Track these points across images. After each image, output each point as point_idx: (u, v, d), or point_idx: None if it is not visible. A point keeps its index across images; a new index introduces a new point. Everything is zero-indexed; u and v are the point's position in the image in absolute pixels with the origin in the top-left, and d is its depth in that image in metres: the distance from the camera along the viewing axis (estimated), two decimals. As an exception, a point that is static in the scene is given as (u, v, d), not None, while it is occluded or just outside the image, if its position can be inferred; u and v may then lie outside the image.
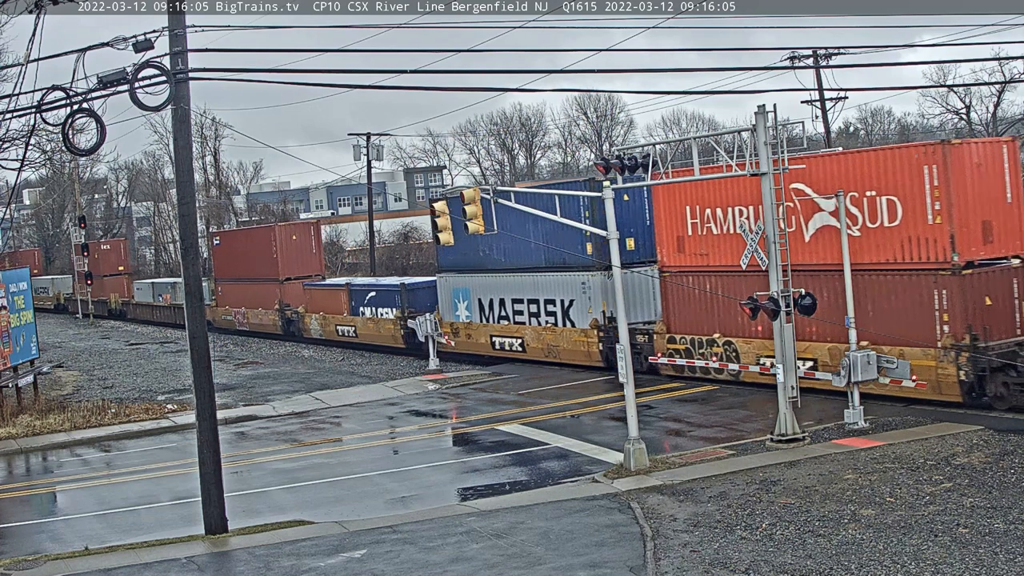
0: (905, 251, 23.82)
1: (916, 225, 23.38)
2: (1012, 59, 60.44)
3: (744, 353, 27.50)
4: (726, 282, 27.72)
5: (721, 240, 27.94)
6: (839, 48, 45.69)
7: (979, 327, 22.78)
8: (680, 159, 26.06)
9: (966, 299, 22.98)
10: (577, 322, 33.41)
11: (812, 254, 25.31)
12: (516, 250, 35.17)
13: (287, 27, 21.11)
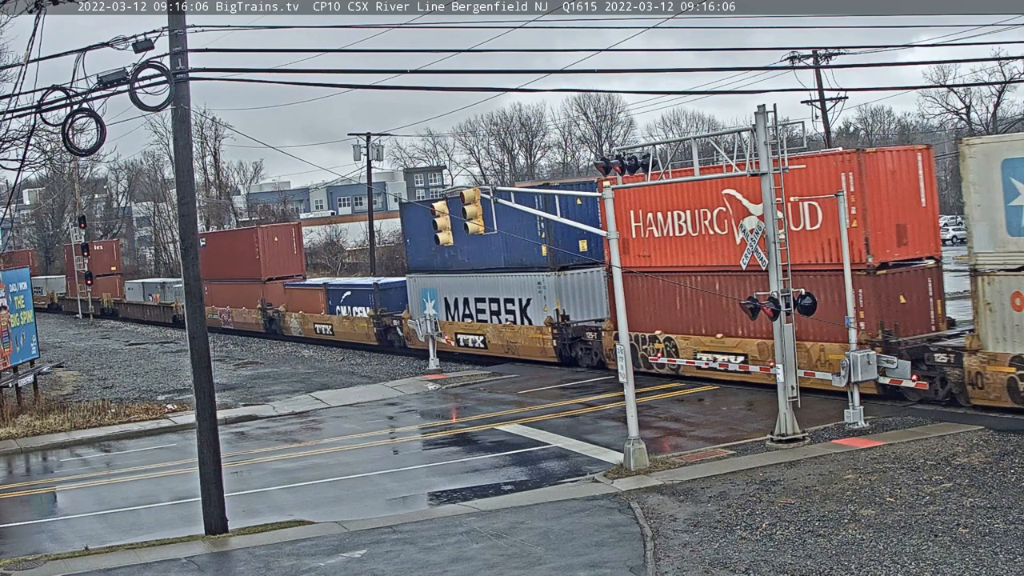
0: (825, 253, 25.11)
1: (835, 229, 24.22)
2: (1012, 59, 60.52)
3: (682, 349, 29.25)
4: (670, 282, 29.49)
5: (662, 242, 29.79)
6: (839, 48, 45.73)
7: (892, 324, 24.21)
8: (680, 159, 26.09)
9: (880, 298, 24.35)
10: (534, 320, 35.24)
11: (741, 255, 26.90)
12: (479, 252, 36.81)
13: (287, 27, 21.13)
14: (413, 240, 42.36)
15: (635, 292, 29.91)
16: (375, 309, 44.18)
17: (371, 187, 66.99)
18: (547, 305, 34.54)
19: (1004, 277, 22.03)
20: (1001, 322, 22.06)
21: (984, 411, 22.35)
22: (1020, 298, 21.85)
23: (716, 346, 28.26)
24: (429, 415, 29.71)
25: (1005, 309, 21.97)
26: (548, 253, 33.83)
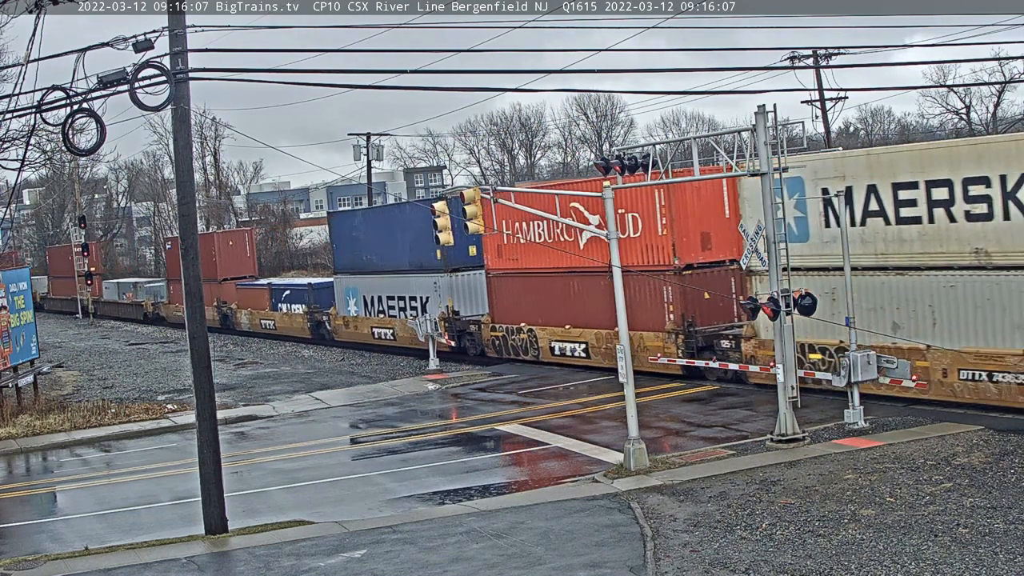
0: (644, 256, 29.92)
1: (651, 236, 29.58)
2: (1012, 59, 60.51)
3: (540, 339, 34.34)
4: (531, 282, 34.59)
5: (526, 248, 34.37)
6: (839, 48, 45.73)
7: (692, 315, 29.02)
8: (680, 159, 26.14)
9: (685, 293, 29.09)
10: (432, 315, 39.34)
11: (586, 259, 30.49)
12: (390, 256, 42.13)
13: (287, 27, 21.13)
14: (339, 245, 47.04)
15: (506, 290, 35.73)
16: (309, 306, 49.26)
17: (371, 187, 66.98)
18: (441, 302, 39.21)
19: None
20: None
21: (984, 411, 22.36)
22: None
23: (565, 336, 33.46)
24: (429, 415, 29.71)
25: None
26: (442, 257, 37.88)
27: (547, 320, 33.93)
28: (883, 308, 24.19)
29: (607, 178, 25.07)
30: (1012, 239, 21.60)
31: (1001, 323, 21.87)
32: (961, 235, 22.30)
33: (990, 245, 22.04)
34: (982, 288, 22.03)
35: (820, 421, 23.05)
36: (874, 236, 23.85)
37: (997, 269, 21.98)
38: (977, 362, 22.22)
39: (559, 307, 33.53)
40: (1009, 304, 21.78)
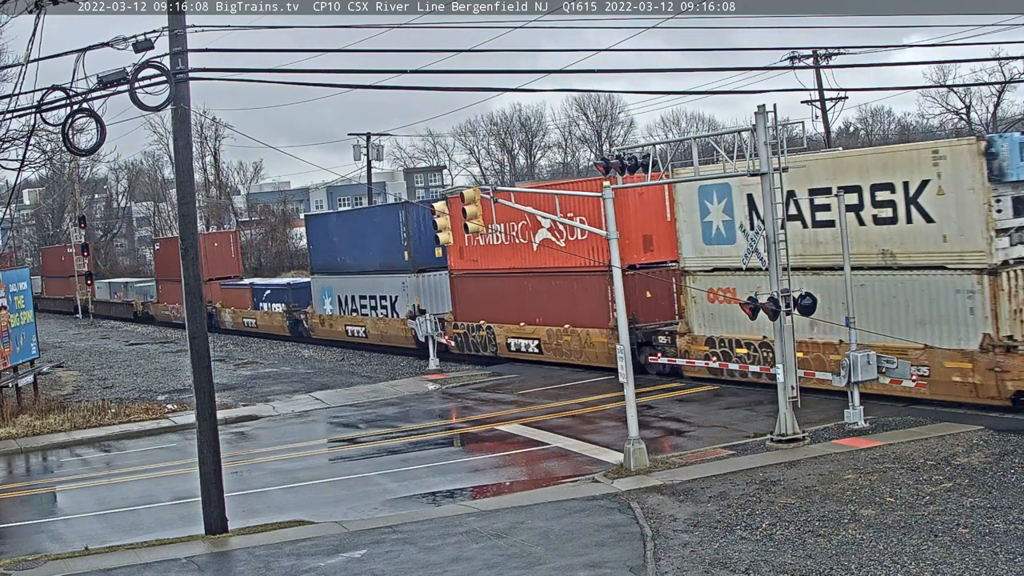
0: (590, 258, 30.99)
1: (597, 239, 29.67)
2: (1012, 59, 60.53)
3: (498, 335, 36.22)
4: (489, 282, 36.48)
5: (486, 249, 36.28)
6: (839, 48, 45.72)
7: (634, 312, 29.74)
8: (680, 159, 26.15)
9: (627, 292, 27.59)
10: (400, 313, 41.89)
11: (538, 260, 33.71)
12: (362, 257, 44.25)
13: (287, 27, 21.13)
14: (315, 246, 49.18)
15: (467, 290, 37.79)
16: (288, 305, 51.40)
17: (371, 187, 66.97)
18: (409, 302, 41.18)
19: (703, 276, 28.29)
20: (701, 311, 28.51)
21: (984, 410, 22.38)
22: (712, 293, 28.02)
23: (520, 333, 35.41)
24: (429, 415, 29.71)
25: (703, 301, 28.34)
26: (409, 258, 40.84)
27: (504, 318, 35.96)
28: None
29: (607, 178, 25.09)
30: (914, 241, 23.21)
31: (905, 319, 23.40)
32: (869, 238, 23.65)
33: (895, 247, 23.61)
34: (889, 287, 23.51)
35: (820, 421, 23.05)
36: (793, 239, 24.66)
37: (901, 269, 23.60)
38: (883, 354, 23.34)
39: (514, 306, 35.56)
40: (912, 302, 23.34)
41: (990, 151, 22.07)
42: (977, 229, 22.35)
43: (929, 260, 23.16)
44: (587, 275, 31.86)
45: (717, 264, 27.93)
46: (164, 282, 64.97)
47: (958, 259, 22.79)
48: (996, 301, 22.15)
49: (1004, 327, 22.21)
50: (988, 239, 22.23)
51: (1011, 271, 22.38)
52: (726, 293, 27.56)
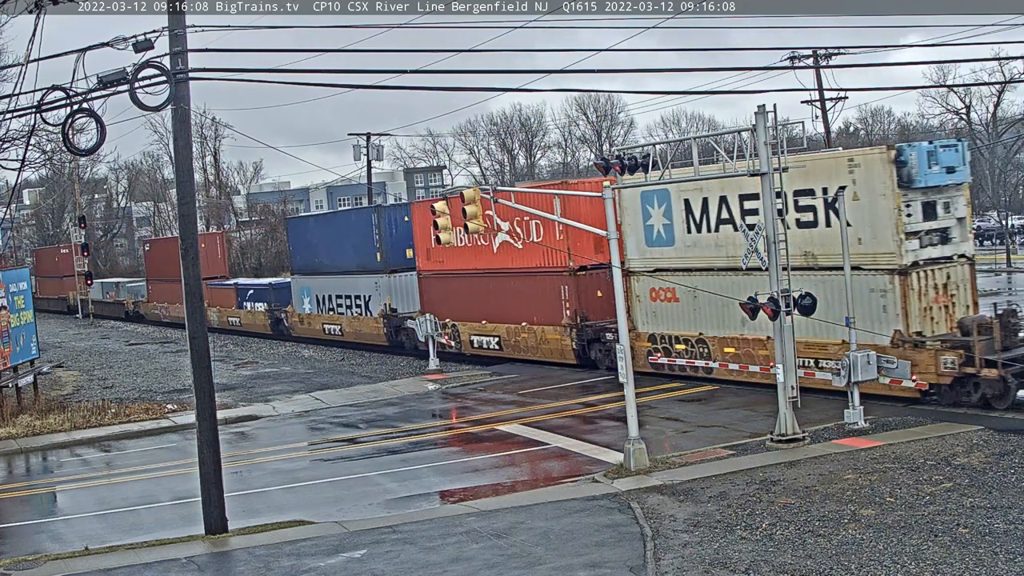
0: (546, 259, 33.63)
1: (551, 240, 32.84)
2: (1012, 59, 60.50)
3: (462, 333, 38.17)
4: (454, 282, 38.64)
5: (451, 251, 37.03)
6: (839, 48, 45.70)
7: (584, 311, 32.83)
8: (680, 159, 26.16)
9: (579, 292, 33.10)
10: (373, 312, 43.95)
11: (498, 261, 35.92)
12: (339, 258, 46.10)
13: (287, 27, 21.12)
14: (295, 248, 51.48)
15: (434, 289, 39.89)
16: (269, 304, 53.53)
17: (371, 187, 66.95)
18: (381, 300, 43.34)
19: (646, 277, 30.19)
20: (644, 310, 30.57)
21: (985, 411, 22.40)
22: (654, 292, 30.15)
23: (482, 330, 37.32)
24: (429, 415, 29.71)
25: (646, 300, 30.47)
26: (382, 259, 42.89)
27: (467, 316, 38.02)
28: (731, 304, 26.47)
29: (607, 178, 25.08)
30: (833, 244, 24.44)
31: (827, 317, 24.36)
32: (793, 240, 24.56)
33: (816, 249, 25.23)
34: (811, 286, 24.03)
35: (820, 421, 23.06)
36: (726, 241, 27.17)
37: (822, 270, 25.16)
38: (808, 351, 25.25)
39: (477, 304, 37.47)
40: (831, 300, 24.57)
41: (900, 159, 23.64)
42: (888, 232, 23.91)
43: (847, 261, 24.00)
44: (542, 276, 34.22)
45: (658, 265, 29.85)
46: (154, 282, 67.61)
47: (872, 260, 24.33)
48: (906, 300, 23.86)
49: (914, 324, 23.93)
50: (898, 241, 23.87)
51: (920, 271, 24.09)
52: (666, 292, 29.78)
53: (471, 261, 37.50)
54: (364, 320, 44.66)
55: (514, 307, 35.35)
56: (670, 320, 29.65)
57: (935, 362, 23.25)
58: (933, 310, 24.39)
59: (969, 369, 22.81)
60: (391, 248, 42.61)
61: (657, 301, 30.15)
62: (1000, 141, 72.25)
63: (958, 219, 24.95)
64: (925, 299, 24.21)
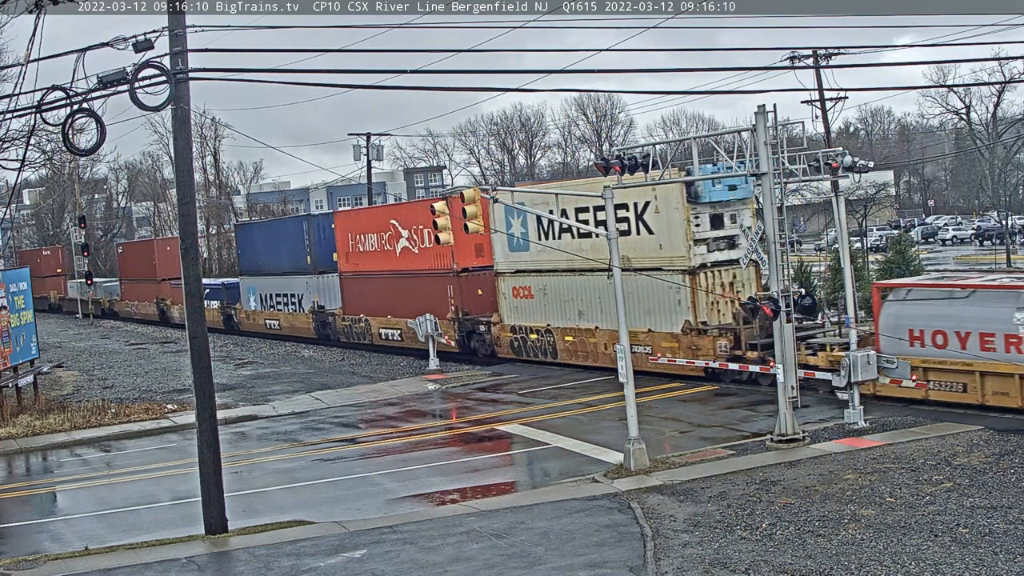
0: (436, 261, 39.06)
1: (440, 248, 34.41)
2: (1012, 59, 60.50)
3: (373, 326, 43.59)
4: (367, 282, 44.02)
5: (365, 255, 43.95)
6: (839, 48, 45.66)
7: (466, 307, 38.38)
8: (680, 159, 26.18)
9: (462, 291, 38.57)
10: (305, 308, 49.46)
11: (399, 264, 41.72)
12: (278, 260, 51.53)
13: (287, 27, 21.11)
14: (243, 251, 57.12)
15: (352, 288, 45.31)
16: (222, 302, 58.41)
17: (371, 187, 66.93)
18: (311, 299, 48.70)
19: (509, 276, 36.06)
20: (508, 305, 36.25)
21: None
22: (515, 290, 35.77)
23: (387, 324, 42.73)
24: (429, 415, 29.71)
25: (510, 297, 36.13)
26: (311, 262, 48.17)
27: (377, 311, 43.45)
28: (572, 300, 33.36)
29: (607, 177, 25.09)
30: (642, 249, 29.99)
31: (638, 310, 29.68)
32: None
33: (630, 253, 29.05)
34: (627, 285, 26.74)
35: (820, 421, 23.07)
36: (568, 247, 31.80)
37: (634, 271, 29.18)
38: (631, 338, 26.36)
39: (384, 301, 42.92)
40: (641, 296, 30.01)
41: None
42: (681, 239, 29.03)
43: (651, 263, 29.66)
44: (433, 277, 39.56)
45: (519, 267, 35.62)
46: (126, 282, 72.96)
47: (669, 262, 29.46)
48: (695, 295, 28.90)
49: (701, 315, 29.00)
50: (688, 247, 28.94)
51: (707, 272, 29.23)
52: (525, 290, 35.54)
53: (380, 264, 43.02)
54: (297, 315, 50.12)
55: (412, 303, 40.20)
56: (527, 314, 35.46)
57: (713, 346, 28.27)
58: (720, 304, 29.28)
59: (738, 352, 27.65)
60: (319, 252, 47.74)
61: (518, 298, 35.82)
62: (1000, 141, 72.25)
63: (744, 229, 29.46)
64: (712, 295, 29.25)
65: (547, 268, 34.02)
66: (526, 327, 34.99)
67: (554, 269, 33.65)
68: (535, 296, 34.99)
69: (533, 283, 34.81)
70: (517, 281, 35.64)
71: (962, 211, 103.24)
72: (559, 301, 33.72)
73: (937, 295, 24.31)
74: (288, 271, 50.52)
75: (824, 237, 78.33)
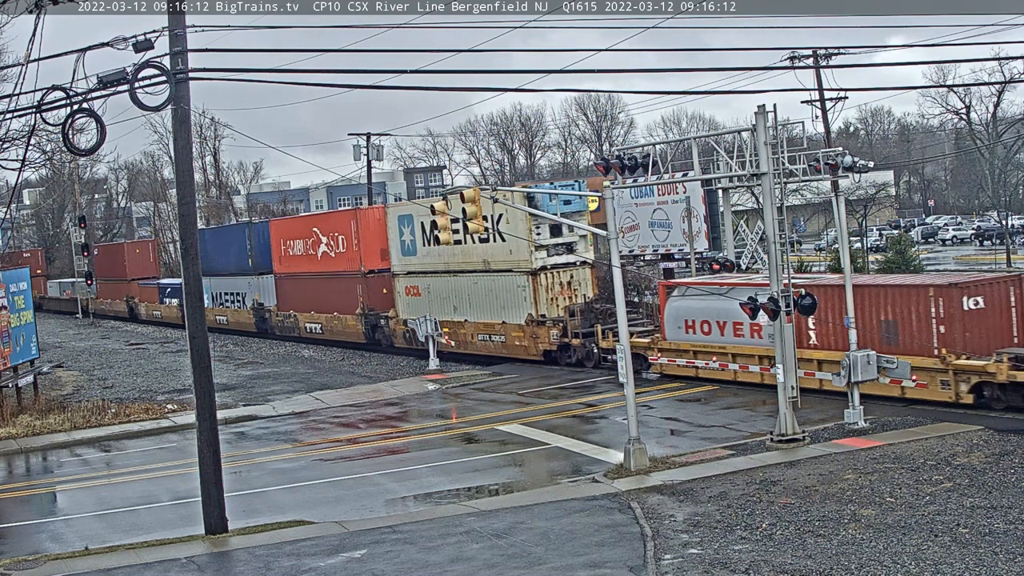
0: (348, 264, 45.42)
1: (349, 250, 45.02)
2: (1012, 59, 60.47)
3: (299, 321, 49.49)
4: (296, 282, 50.19)
5: (295, 258, 49.96)
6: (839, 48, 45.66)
7: (371, 304, 44.24)
8: (680, 159, 26.18)
9: (368, 290, 44.60)
10: (247, 305, 55.36)
11: (320, 266, 47.71)
12: (226, 262, 56.95)
13: (287, 27, 21.10)
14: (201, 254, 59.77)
15: (284, 287, 51.36)
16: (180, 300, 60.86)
17: (371, 187, 66.91)
18: (252, 297, 54.43)
19: (402, 278, 41.94)
20: (402, 302, 41.97)
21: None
22: (407, 289, 41.58)
23: (310, 319, 48.64)
24: (429, 415, 29.70)
25: (403, 295, 41.89)
26: (252, 264, 53.84)
27: (303, 308, 49.44)
28: (448, 297, 39.27)
29: (607, 177, 25.10)
30: (497, 254, 36.24)
31: (495, 305, 36.65)
32: (476, 252, 37.17)
33: (489, 258, 36.50)
34: (488, 284, 36.97)
35: (820, 421, 23.07)
36: (442, 252, 38.00)
37: (493, 272, 36.53)
38: (486, 329, 37.39)
39: (308, 299, 48.98)
40: (498, 293, 36.50)
41: (530, 195, 34.91)
42: (524, 246, 34.56)
43: (505, 266, 36.04)
44: (345, 278, 45.67)
45: (409, 270, 41.53)
46: (101, 282, 76.74)
47: (516, 265, 35.55)
48: (536, 292, 35.06)
49: (541, 308, 35.12)
50: (530, 252, 34.76)
51: (546, 273, 35.26)
52: (414, 289, 41.15)
53: (305, 266, 49.07)
54: (241, 312, 56.10)
55: (329, 301, 46.67)
56: (416, 309, 40.51)
57: (548, 335, 34.51)
58: (559, 300, 35.24)
59: (566, 339, 34.15)
60: (259, 255, 53.45)
61: (409, 296, 41.52)
62: (1000, 141, 72.21)
63: (581, 237, 35.36)
64: (550, 292, 35.15)
65: (430, 270, 39.94)
66: (413, 319, 39.36)
67: (435, 271, 39.68)
68: (422, 294, 40.64)
69: (420, 283, 40.59)
70: (408, 281, 41.41)
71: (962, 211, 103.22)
72: (440, 298, 39.43)
73: (705, 292, 29.47)
74: (234, 272, 56.28)
75: (824, 237, 78.34)
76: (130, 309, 73.24)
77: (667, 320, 30.60)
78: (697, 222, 39.84)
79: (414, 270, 40.90)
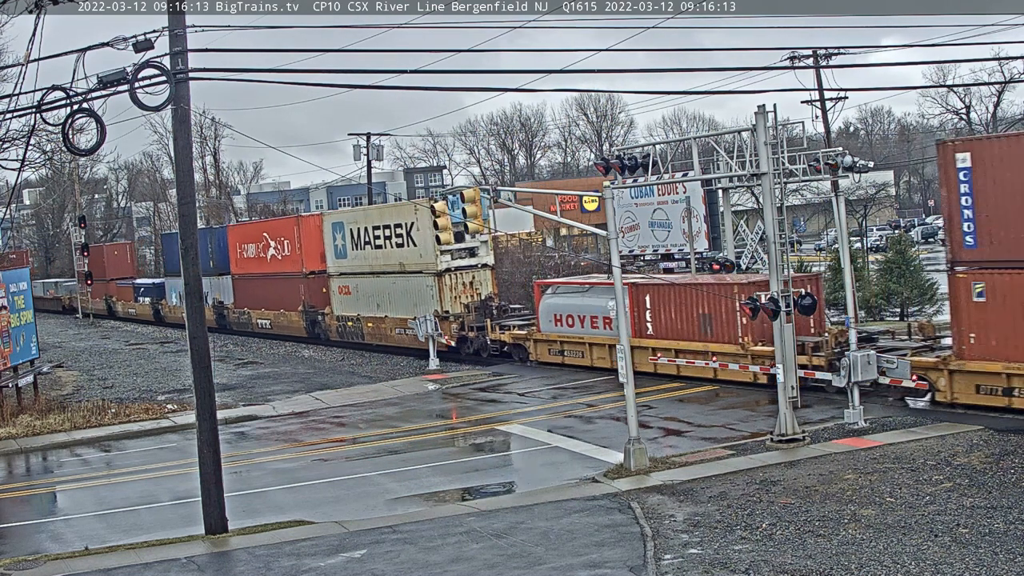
0: (292, 266, 49.78)
1: (293, 254, 49.64)
2: (1012, 59, 60.52)
3: (252, 317, 54.13)
4: (250, 282, 54.36)
5: (251, 260, 54.11)
6: (839, 48, 45.66)
7: (312, 302, 48.38)
8: (680, 159, 26.18)
9: (309, 289, 48.66)
10: (209, 303, 57.06)
11: (269, 267, 52.00)
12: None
13: (287, 27, 21.10)
14: (167, 255, 66.79)
15: (240, 287, 55.54)
16: (153, 298, 68.80)
17: (371, 187, 66.91)
18: (212, 295, 57.76)
19: (336, 278, 46.26)
20: (336, 300, 46.24)
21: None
22: (340, 288, 45.88)
23: (261, 316, 53.28)
24: (429, 415, 29.70)
25: (337, 294, 46.19)
26: (213, 265, 56.80)
27: (255, 306, 54.12)
28: (374, 296, 43.47)
29: (607, 177, 25.11)
30: (411, 257, 40.77)
31: (408, 302, 40.90)
32: (394, 256, 41.99)
33: (404, 261, 41.20)
34: (403, 284, 41.52)
35: (820, 421, 23.07)
36: (369, 255, 43.46)
37: (407, 273, 41.07)
38: (402, 324, 40.93)
39: (259, 298, 53.38)
40: (411, 292, 40.85)
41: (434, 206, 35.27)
42: (431, 250, 38.48)
43: (417, 268, 40.33)
44: (290, 278, 50.01)
45: (341, 271, 45.91)
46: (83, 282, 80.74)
47: (425, 267, 39.80)
48: (441, 291, 39.16)
49: (446, 305, 39.12)
50: (436, 256, 38.81)
51: (450, 274, 39.33)
52: (346, 288, 45.45)
53: (257, 267, 53.45)
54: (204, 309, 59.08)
55: (277, 299, 51.38)
56: (348, 306, 45.42)
57: (450, 329, 38.50)
58: (462, 298, 39.35)
59: (463, 333, 38.36)
60: (219, 257, 57.22)
61: (342, 294, 45.89)
62: (1000, 141, 72.11)
63: (482, 242, 39.24)
64: (454, 291, 39.23)
65: (358, 272, 44.55)
66: (346, 316, 45.13)
67: (362, 272, 44.24)
68: (352, 293, 45.16)
69: (351, 283, 45.18)
70: (341, 282, 45.89)
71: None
72: (366, 297, 43.88)
73: (571, 290, 34.94)
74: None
75: (824, 237, 78.35)
76: (108, 307, 78.39)
77: (541, 315, 35.59)
78: (697, 222, 39.85)
79: (346, 271, 45.50)
